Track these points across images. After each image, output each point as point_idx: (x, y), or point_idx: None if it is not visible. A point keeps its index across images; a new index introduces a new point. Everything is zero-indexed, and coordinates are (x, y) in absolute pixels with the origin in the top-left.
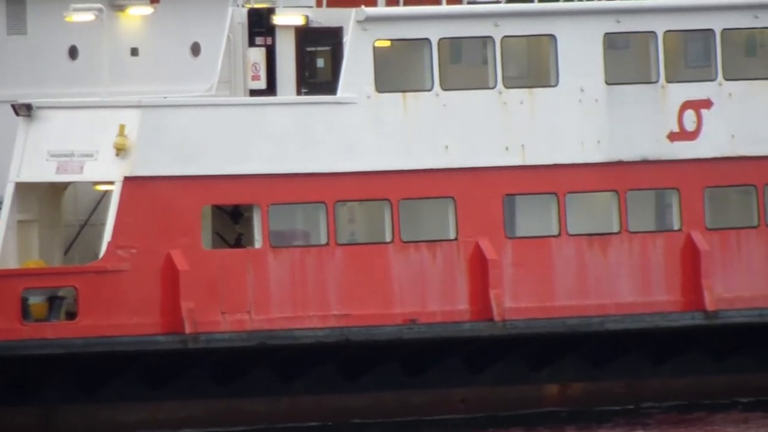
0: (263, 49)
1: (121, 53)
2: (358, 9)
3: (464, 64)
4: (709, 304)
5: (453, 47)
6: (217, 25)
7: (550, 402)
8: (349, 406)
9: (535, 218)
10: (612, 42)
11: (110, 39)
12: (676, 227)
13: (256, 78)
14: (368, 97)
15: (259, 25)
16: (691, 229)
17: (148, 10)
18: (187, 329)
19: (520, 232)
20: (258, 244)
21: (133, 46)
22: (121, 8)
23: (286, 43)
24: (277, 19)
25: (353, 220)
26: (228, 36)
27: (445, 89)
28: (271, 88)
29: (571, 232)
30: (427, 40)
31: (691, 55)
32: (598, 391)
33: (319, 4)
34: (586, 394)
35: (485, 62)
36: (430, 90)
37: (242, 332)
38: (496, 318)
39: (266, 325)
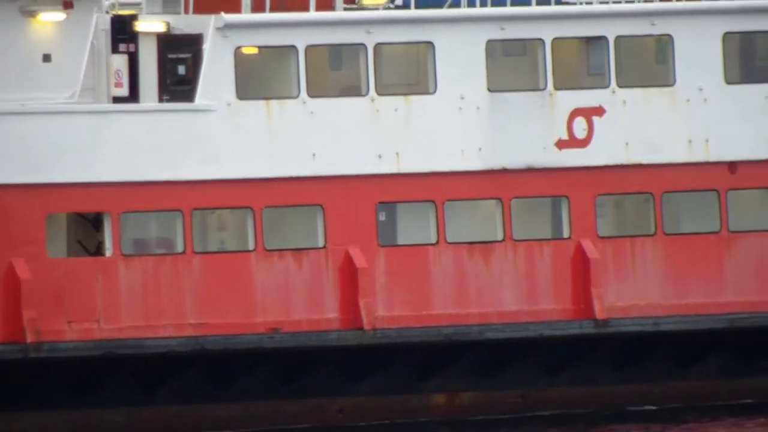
0: (126, 56)
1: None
2: (217, 16)
3: (344, 71)
4: (599, 313)
5: (332, 54)
6: None
7: (438, 412)
8: (219, 416)
9: (412, 226)
10: (499, 49)
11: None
12: (565, 235)
13: (118, 85)
14: (228, 104)
15: (122, 31)
16: (582, 237)
17: (60, 16)
18: (29, 338)
19: (394, 240)
20: (109, 252)
21: (46, 52)
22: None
23: (148, 50)
24: (139, 26)
25: (223, 228)
26: (92, 43)
27: (312, 96)
28: (133, 95)
29: (450, 240)
30: (293, 47)
31: (596, 63)
32: (489, 401)
33: (186, 10)
34: (475, 404)
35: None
36: (296, 97)
37: (89, 341)
38: (366, 327)
39: (116, 334)
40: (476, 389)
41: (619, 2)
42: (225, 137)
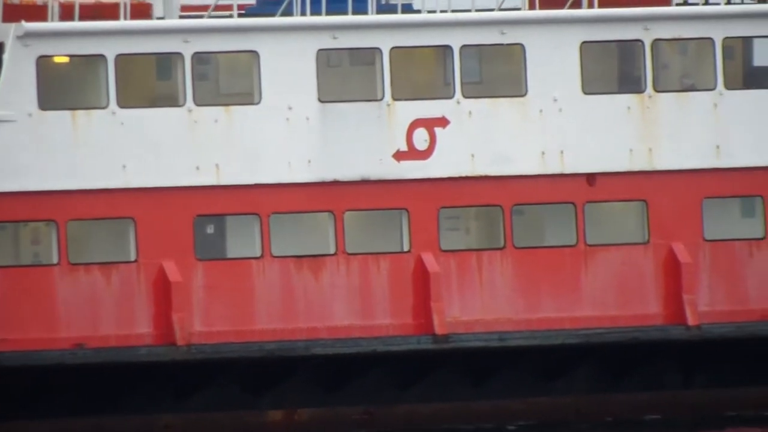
0: None
1: None
2: (17, 24)
3: (173, 80)
4: (439, 328)
5: (161, 63)
6: None
7: (276, 429)
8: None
9: (237, 240)
10: (333, 58)
11: None
12: (405, 249)
13: None
14: (30, 114)
15: None
16: (422, 250)
17: None
18: None
19: (214, 254)
20: None
21: None
22: None
23: None
24: None
25: (37, 241)
26: None
27: (123, 107)
28: None
29: (276, 254)
30: (102, 56)
31: (446, 73)
32: (331, 417)
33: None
34: (316, 420)
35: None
36: (105, 107)
37: None
38: (180, 342)
39: None
40: (317, 405)
41: (469, 11)
42: (26, 148)
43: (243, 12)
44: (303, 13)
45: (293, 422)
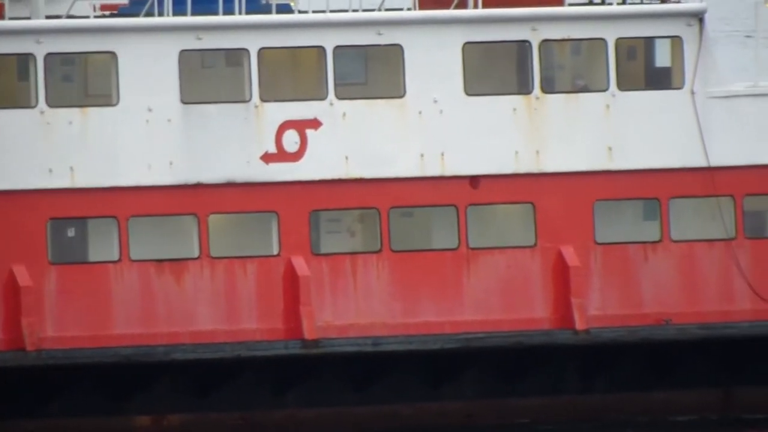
0: None
1: None
2: None
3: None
4: (308, 333)
5: (21, 64)
6: None
7: None
8: None
9: (96, 244)
10: (197, 59)
11: None
12: (274, 252)
13: None
14: None
15: None
16: (293, 254)
17: None
18: None
19: (70, 258)
20: None
21: None
22: None
23: None
24: None
25: None
26: None
27: None
28: None
29: (134, 257)
30: None
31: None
32: (203, 423)
33: None
34: (186, 426)
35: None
36: None
37: None
38: (29, 348)
39: None
40: (187, 411)
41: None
42: None
43: (115, 12)
44: (165, 13)
45: (162, 428)
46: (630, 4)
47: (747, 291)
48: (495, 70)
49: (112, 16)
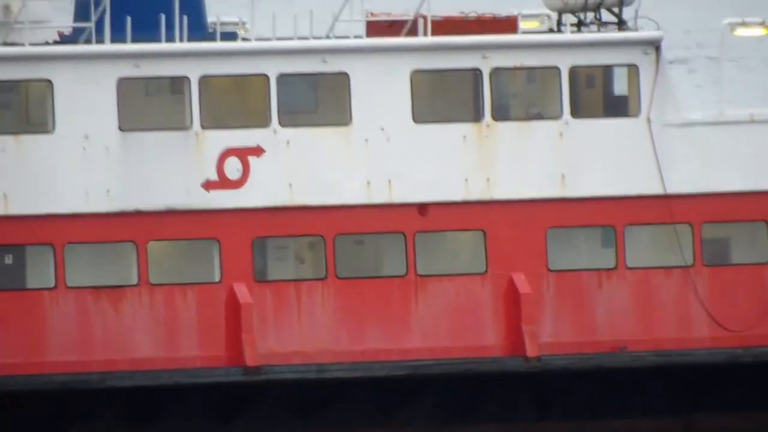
0: None
1: None
2: None
3: None
4: (250, 360)
5: None
6: None
7: None
8: None
9: (34, 271)
10: (138, 87)
11: None
12: (216, 279)
13: None
14: None
15: None
16: (235, 281)
17: None
18: None
19: (5, 285)
20: None
21: None
22: None
23: None
24: None
25: None
26: None
27: None
28: None
29: (71, 284)
30: None
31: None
32: None
33: None
34: None
35: None
36: None
37: None
38: None
39: None
40: None
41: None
42: None
43: (58, 39)
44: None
45: None
46: (587, 32)
47: (705, 318)
48: (445, 97)
49: (54, 43)
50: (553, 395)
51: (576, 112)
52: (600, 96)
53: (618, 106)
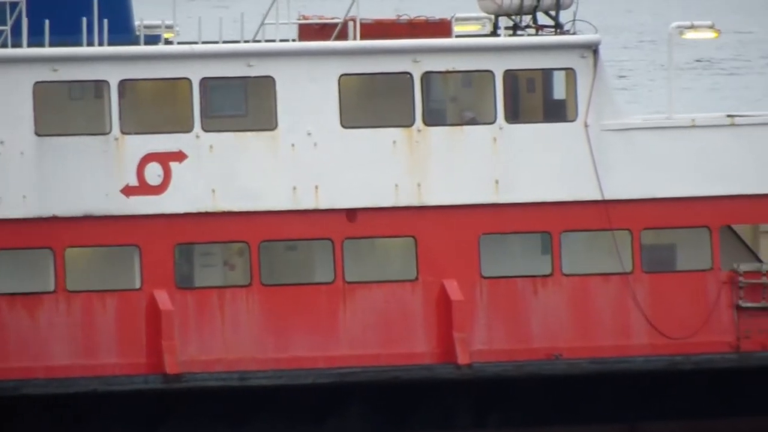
0: None
1: None
2: None
3: None
4: (170, 367)
5: None
6: None
7: None
8: None
9: None
10: (57, 91)
11: None
12: (136, 286)
13: None
14: None
15: None
16: (155, 288)
17: None
18: None
19: None
20: None
21: None
22: None
23: None
24: None
25: None
26: None
27: None
28: None
29: None
30: None
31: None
32: None
33: None
34: None
35: None
36: None
37: None
38: None
39: None
40: None
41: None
42: None
43: None
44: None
45: None
46: (523, 35)
47: (644, 325)
48: (375, 102)
49: None
50: (492, 403)
51: (513, 117)
52: (540, 100)
53: (556, 111)
